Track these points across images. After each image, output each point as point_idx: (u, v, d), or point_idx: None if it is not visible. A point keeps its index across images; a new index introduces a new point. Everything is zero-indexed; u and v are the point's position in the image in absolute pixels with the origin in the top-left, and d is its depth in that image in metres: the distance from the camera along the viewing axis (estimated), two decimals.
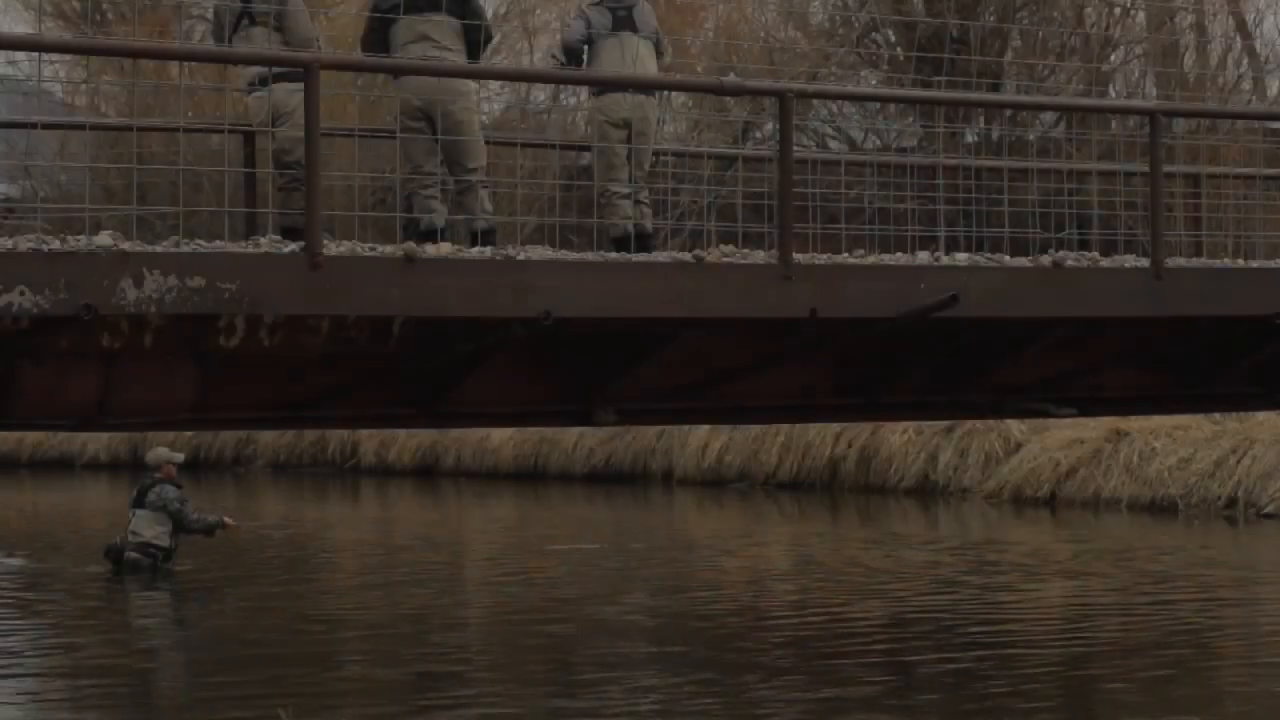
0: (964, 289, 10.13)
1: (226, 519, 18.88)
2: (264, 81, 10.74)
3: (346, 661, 14.21)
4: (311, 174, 8.75)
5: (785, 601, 16.99)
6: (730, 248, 10.08)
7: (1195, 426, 23.94)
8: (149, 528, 18.69)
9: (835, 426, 26.96)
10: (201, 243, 8.63)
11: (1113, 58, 30.54)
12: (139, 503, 18.77)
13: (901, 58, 29.30)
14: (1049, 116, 28.52)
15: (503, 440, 31.17)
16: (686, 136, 28.64)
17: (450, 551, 21.49)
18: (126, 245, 8.32)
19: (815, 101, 29.50)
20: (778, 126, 10.20)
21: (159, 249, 8.43)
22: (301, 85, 8.84)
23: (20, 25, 35.29)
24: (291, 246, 8.72)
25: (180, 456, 19.24)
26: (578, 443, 30.35)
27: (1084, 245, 14.95)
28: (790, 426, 27.42)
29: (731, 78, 11.77)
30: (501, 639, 15.14)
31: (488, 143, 11.84)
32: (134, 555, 18.71)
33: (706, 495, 27.64)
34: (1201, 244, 13.50)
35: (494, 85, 30.01)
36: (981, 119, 27.47)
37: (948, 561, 19.30)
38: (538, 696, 12.60)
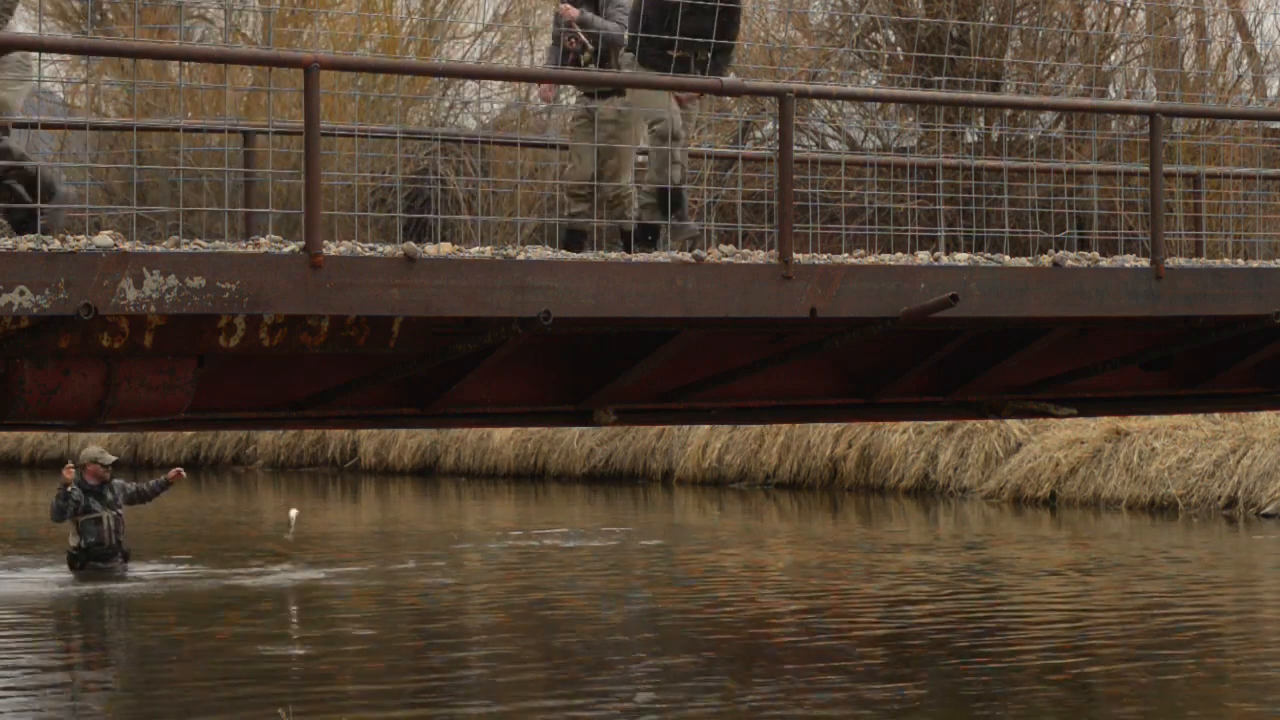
0: (964, 289, 10.14)
1: (65, 474, 18.61)
2: None
3: (346, 662, 14.20)
4: (311, 174, 8.75)
5: (783, 601, 16.99)
6: (730, 248, 10.08)
7: (1195, 426, 23.93)
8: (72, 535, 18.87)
9: (835, 426, 26.94)
10: (201, 243, 8.63)
11: (1113, 58, 30.53)
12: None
13: (901, 58, 29.29)
14: (1049, 116, 28.51)
15: (503, 440, 31.16)
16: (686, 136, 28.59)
17: (451, 549, 21.48)
18: (126, 245, 8.33)
19: (815, 101, 29.49)
20: (778, 126, 10.20)
21: (159, 249, 8.43)
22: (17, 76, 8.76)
23: (20, 25, 35.23)
24: (291, 246, 8.72)
25: (110, 458, 19.02)
26: (578, 442, 30.34)
27: (1084, 245, 14.96)
28: (790, 426, 27.40)
29: (731, 78, 11.77)
30: (502, 636, 15.13)
31: (487, 142, 11.85)
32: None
33: (706, 495, 27.64)
34: (1201, 244, 13.50)
35: (494, 85, 29.99)
36: (981, 119, 27.47)
37: (947, 561, 19.29)
38: (538, 695, 12.60)
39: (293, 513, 21.23)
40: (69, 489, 18.47)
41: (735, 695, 12.38)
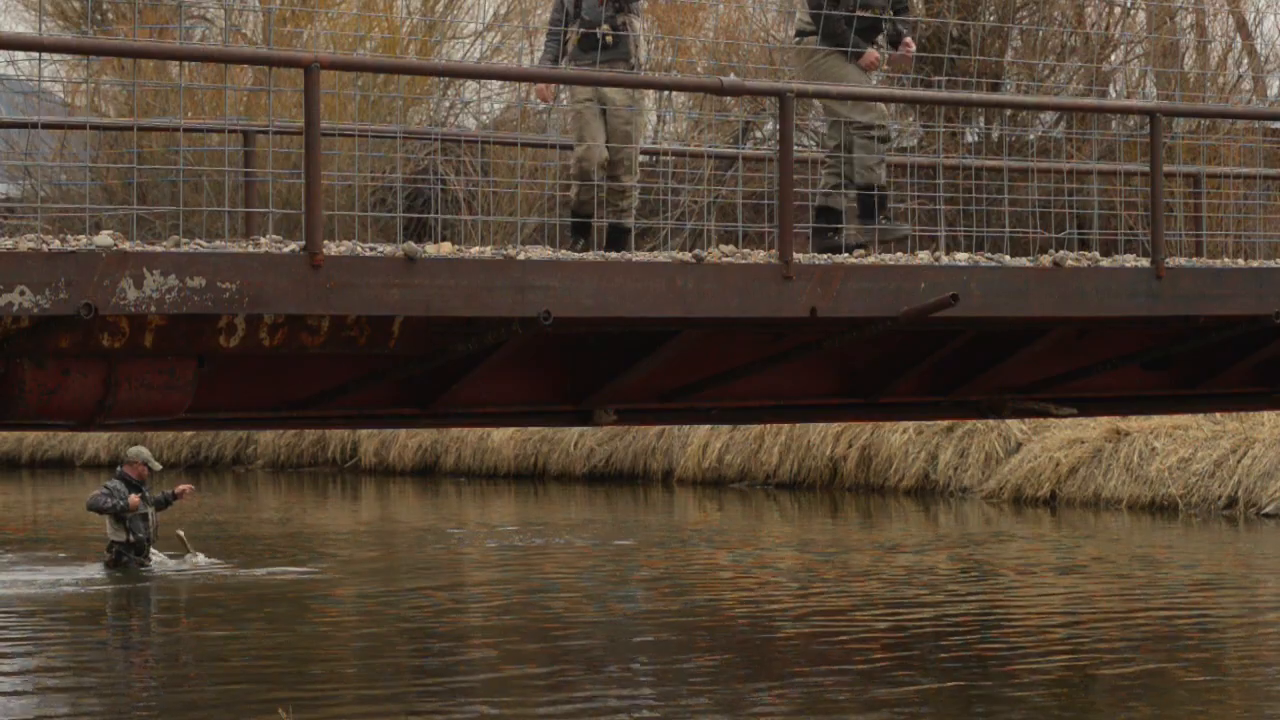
0: (964, 289, 10.14)
1: (134, 501, 18.72)
2: None
3: (346, 661, 14.21)
4: (311, 174, 8.75)
5: (784, 602, 16.99)
6: (730, 248, 10.08)
7: (1195, 426, 23.92)
8: (109, 527, 18.96)
9: (835, 426, 26.93)
10: (201, 243, 8.63)
11: (1113, 58, 30.53)
12: None
13: None
14: (1049, 116, 28.50)
15: (503, 440, 31.16)
16: (686, 136, 28.62)
17: (450, 549, 21.49)
18: (126, 245, 8.33)
19: (815, 101, 29.47)
20: (778, 126, 10.20)
21: (159, 249, 8.43)
22: None
23: (20, 25, 35.28)
24: (291, 246, 8.72)
25: (157, 466, 19.27)
26: (578, 443, 30.33)
27: (1084, 245, 14.96)
28: (790, 426, 27.40)
29: (731, 78, 11.77)
30: (502, 636, 15.14)
31: (487, 142, 11.85)
32: (107, 554, 18.93)
33: (707, 495, 27.64)
34: (1201, 244, 13.49)
35: (494, 85, 29.99)
36: (981, 119, 27.46)
37: (947, 561, 19.30)
38: (538, 695, 12.60)
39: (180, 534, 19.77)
40: (113, 484, 18.73)
41: (730, 696, 12.38)
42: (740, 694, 12.43)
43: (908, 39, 11.67)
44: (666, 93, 27.60)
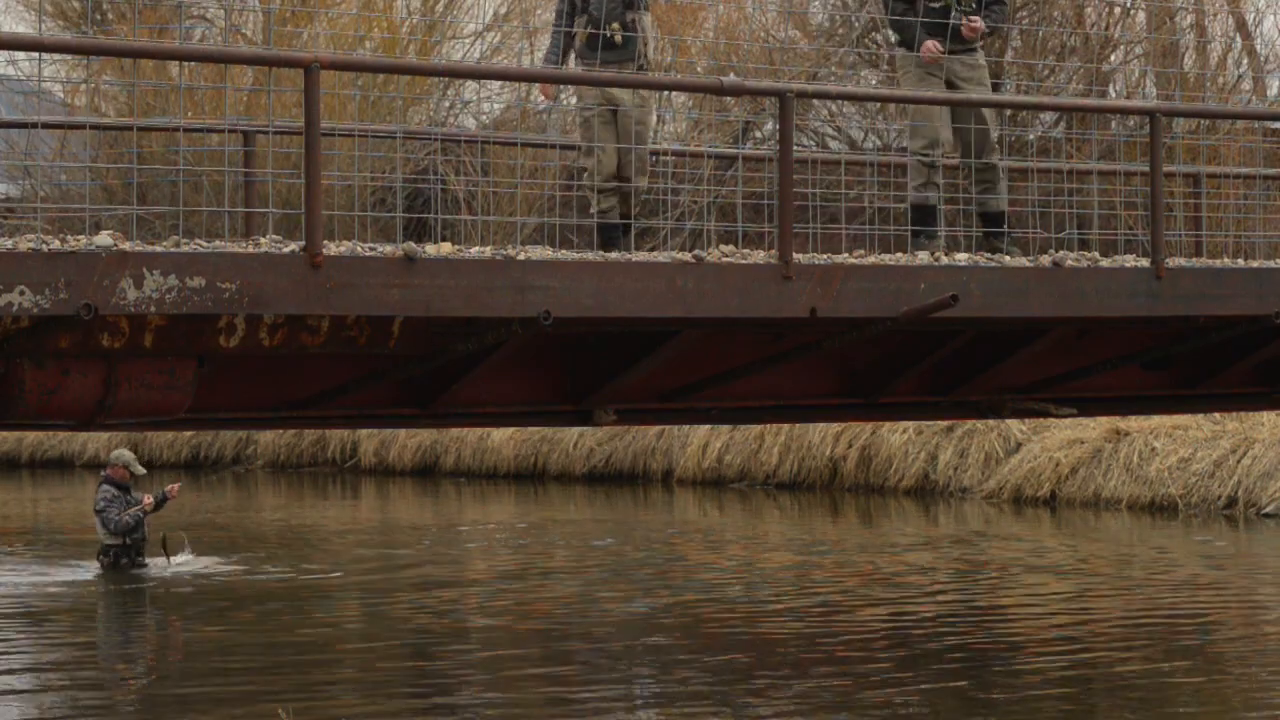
0: (964, 289, 10.14)
1: (146, 502, 18.79)
2: None
3: (346, 661, 14.21)
4: (311, 174, 8.76)
5: (783, 601, 16.99)
6: (730, 248, 10.08)
7: (1195, 426, 23.92)
8: (101, 530, 18.92)
9: (835, 426, 26.93)
10: (201, 243, 8.63)
11: (1113, 58, 30.53)
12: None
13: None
14: (1049, 116, 28.48)
15: (503, 440, 31.15)
16: (686, 136, 28.62)
17: (450, 549, 21.48)
18: (126, 245, 8.33)
19: (815, 101, 29.48)
20: (778, 126, 10.20)
21: (159, 249, 8.43)
22: None
23: (20, 25, 35.27)
24: (291, 246, 8.73)
25: (140, 470, 19.35)
26: (578, 443, 30.33)
27: (1084, 245, 14.96)
28: (790, 426, 27.40)
29: (731, 78, 11.77)
30: (502, 637, 15.14)
31: (487, 142, 11.84)
32: (102, 558, 18.96)
33: (707, 495, 27.64)
34: (1201, 244, 13.49)
35: (494, 85, 29.99)
36: None
37: (947, 562, 19.29)
38: (537, 694, 12.60)
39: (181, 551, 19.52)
40: (106, 494, 18.76)
41: (730, 696, 12.38)
42: (740, 694, 12.43)
43: (975, 21, 11.72)
44: (666, 93, 27.65)
